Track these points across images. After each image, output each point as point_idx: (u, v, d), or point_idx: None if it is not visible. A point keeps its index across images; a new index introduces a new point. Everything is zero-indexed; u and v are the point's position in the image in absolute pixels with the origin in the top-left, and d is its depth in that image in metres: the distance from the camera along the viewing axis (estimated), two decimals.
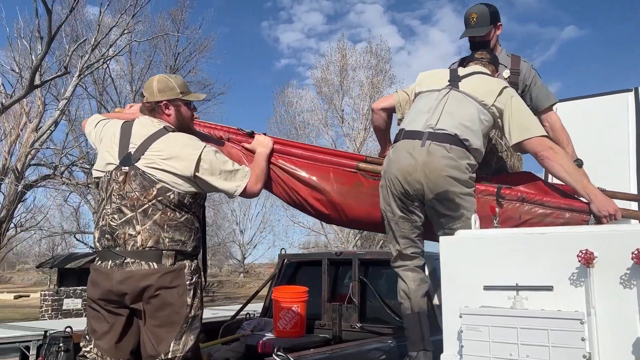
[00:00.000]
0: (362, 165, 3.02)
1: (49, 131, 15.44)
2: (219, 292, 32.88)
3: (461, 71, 2.95)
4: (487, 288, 1.90)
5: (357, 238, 24.42)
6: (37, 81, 12.85)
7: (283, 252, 4.78)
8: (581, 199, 2.56)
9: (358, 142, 24.69)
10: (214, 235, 37.28)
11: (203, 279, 2.65)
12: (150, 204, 2.44)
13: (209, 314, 7.67)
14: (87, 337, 2.52)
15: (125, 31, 16.91)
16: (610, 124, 3.84)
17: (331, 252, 4.53)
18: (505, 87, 2.79)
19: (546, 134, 2.72)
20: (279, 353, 2.44)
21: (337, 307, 4.15)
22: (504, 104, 2.73)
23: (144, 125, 2.61)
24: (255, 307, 5.31)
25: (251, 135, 3.06)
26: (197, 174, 2.48)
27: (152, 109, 2.66)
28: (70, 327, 3.30)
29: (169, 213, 2.45)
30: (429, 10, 57.79)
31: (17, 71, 13.63)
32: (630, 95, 3.83)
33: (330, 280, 4.39)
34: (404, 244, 2.77)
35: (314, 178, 3.00)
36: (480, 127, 2.71)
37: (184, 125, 2.72)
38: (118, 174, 2.49)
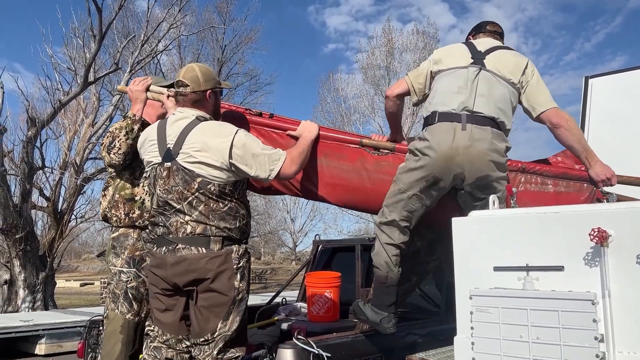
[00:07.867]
0: (366, 141, 3.00)
1: (104, 126, 16.03)
2: (271, 279, 33.40)
3: (479, 45, 2.85)
4: (497, 269, 1.85)
5: None
6: (90, 78, 13.35)
7: (317, 238, 4.81)
8: (578, 167, 2.78)
9: (406, 128, 24.25)
10: (266, 224, 37.87)
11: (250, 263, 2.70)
12: (193, 196, 2.52)
13: (259, 300, 7.83)
14: (151, 317, 2.71)
15: (174, 25, 17.29)
16: None
17: (364, 238, 4.52)
18: (529, 61, 2.77)
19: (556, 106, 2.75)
20: (299, 337, 2.47)
21: (370, 292, 4.14)
22: (528, 78, 2.74)
23: (177, 119, 2.67)
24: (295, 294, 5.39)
25: (271, 116, 3.08)
26: (231, 161, 2.53)
27: (197, 100, 2.70)
28: None
29: (212, 204, 2.53)
30: None
31: (72, 69, 14.17)
32: None
33: (364, 266, 4.39)
34: (402, 216, 2.72)
35: (315, 155, 2.96)
36: (510, 108, 2.70)
37: (218, 113, 2.82)
38: (162, 170, 2.59)
